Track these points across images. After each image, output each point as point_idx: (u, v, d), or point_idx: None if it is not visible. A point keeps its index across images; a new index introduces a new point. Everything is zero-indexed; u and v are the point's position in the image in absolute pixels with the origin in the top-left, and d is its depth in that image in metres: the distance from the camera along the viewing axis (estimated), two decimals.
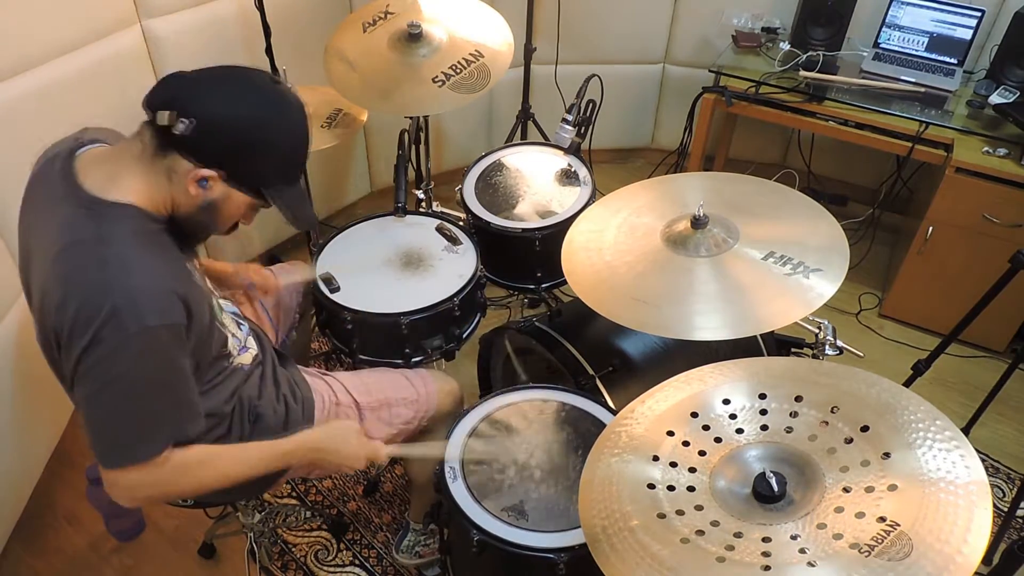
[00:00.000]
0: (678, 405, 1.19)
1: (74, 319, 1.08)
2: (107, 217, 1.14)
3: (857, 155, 3.00)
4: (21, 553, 2.04)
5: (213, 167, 1.15)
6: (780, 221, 1.54)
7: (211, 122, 1.13)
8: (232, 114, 1.15)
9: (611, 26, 3.10)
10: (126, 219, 1.15)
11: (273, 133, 1.18)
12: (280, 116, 1.19)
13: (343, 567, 2.03)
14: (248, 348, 1.45)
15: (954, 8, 2.58)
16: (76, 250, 1.11)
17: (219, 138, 1.14)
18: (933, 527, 0.92)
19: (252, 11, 2.13)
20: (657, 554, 0.98)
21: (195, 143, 1.13)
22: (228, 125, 1.14)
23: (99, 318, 1.07)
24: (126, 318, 1.08)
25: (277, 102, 1.19)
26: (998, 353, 2.62)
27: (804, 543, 0.95)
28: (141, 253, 1.14)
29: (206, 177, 1.16)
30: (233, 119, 1.15)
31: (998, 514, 2.10)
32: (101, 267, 1.10)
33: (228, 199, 1.21)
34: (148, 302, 1.10)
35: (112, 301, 1.08)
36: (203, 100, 1.14)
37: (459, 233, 1.97)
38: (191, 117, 1.11)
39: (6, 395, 1.92)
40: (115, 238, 1.12)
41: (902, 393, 1.09)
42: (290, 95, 1.21)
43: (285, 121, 1.20)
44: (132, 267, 1.11)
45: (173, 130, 1.11)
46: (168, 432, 1.19)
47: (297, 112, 1.22)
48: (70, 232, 1.13)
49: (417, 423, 1.65)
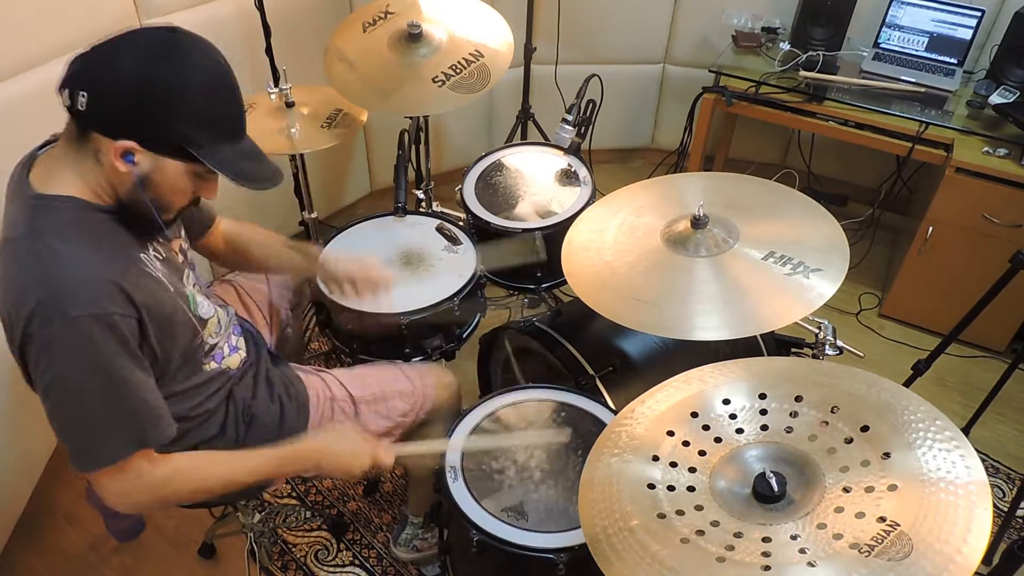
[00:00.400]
0: (678, 405, 1.19)
1: (9, 317, 1.08)
2: (43, 210, 1.11)
3: (857, 155, 3.00)
4: (21, 553, 2.04)
5: (126, 136, 1.08)
6: (780, 221, 1.54)
7: (106, 88, 1.06)
8: (125, 74, 1.05)
9: (611, 26, 3.10)
10: (61, 211, 1.11)
11: (175, 84, 1.08)
12: (178, 64, 1.08)
13: (343, 567, 2.03)
14: (237, 349, 1.44)
15: (954, 8, 2.58)
16: (12, 246, 1.10)
17: (118, 103, 1.06)
18: (933, 527, 0.91)
19: (252, 11, 2.13)
20: (657, 554, 0.98)
21: (99, 115, 1.07)
22: (122, 86, 1.05)
23: (26, 313, 1.05)
24: (50, 310, 1.05)
25: (170, 51, 1.08)
26: (998, 353, 2.62)
27: (804, 543, 0.95)
28: (72, 243, 1.10)
29: (128, 150, 1.08)
30: (126, 79, 1.05)
31: (998, 514, 2.10)
32: (31, 261, 1.07)
33: (160, 169, 1.12)
34: (74, 292, 1.06)
35: (37, 294, 1.05)
36: (94, 69, 1.07)
37: (459, 233, 1.97)
38: (84, 89, 1.05)
39: (6, 395, 1.92)
40: (48, 230, 1.09)
41: (902, 393, 1.09)
42: (190, 41, 1.11)
43: (185, 69, 1.09)
44: (60, 257, 1.07)
45: (77, 107, 1.06)
46: (129, 435, 1.15)
47: (202, 57, 1.11)
48: (11, 228, 1.11)
49: (414, 416, 1.64)
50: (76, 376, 1.09)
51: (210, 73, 1.12)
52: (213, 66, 1.12)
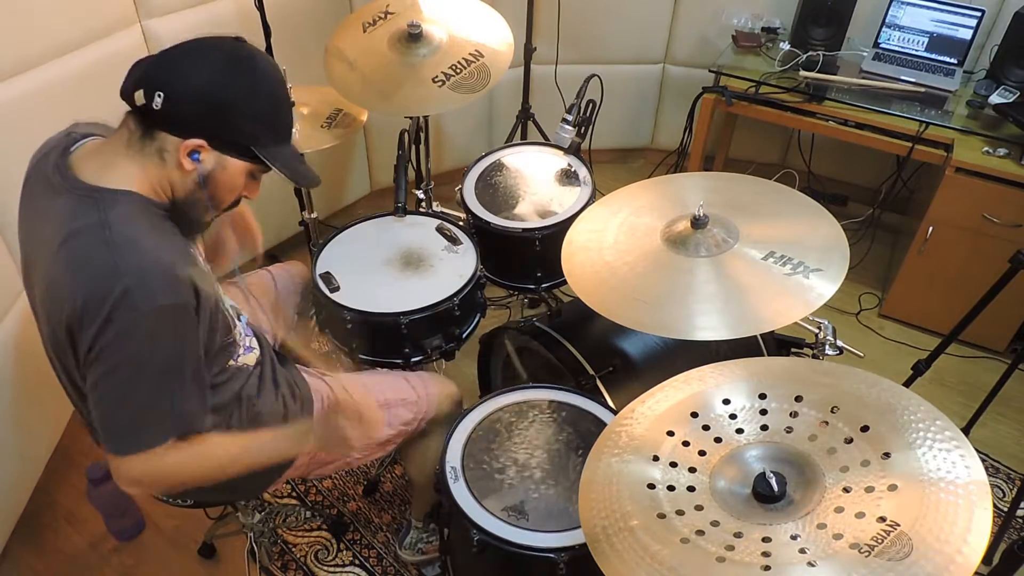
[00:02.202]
0: (678, 405, 1.19)
1: (85, 303, 1.09)
2: (108, 202, 1.14)
3: (857, 155, 3.00)
4: (21, 553, 2.04)
5: (197, 135, 1.15)
6: (780, 221, 1.54)
7: (182, 90, 1.13)
8: (201, 78, 1.14)
9: (611, 26, 3.10)
10: (127, 203, 1.15)
11: (247, 89, 1.17)
12: (249, 71, 1.18)
13: (343, 567, 2.03)
14: (252, 348, 1.45)
15: (954, 8, 2.58)
16: (81, 237, 1.12)
17: (194, 104, 1.14)
18: (933, 527, 0.92)
19: (252, 11, 2.13)
20: (657, 554, 0.98)
21: (173, 115, 1.13)
22: (199, 89, 1.14)
23: (111, 299, 1.08)
24: (138, 298, 1.09)
25: (244, 59, 1.18)
26: (998, 353, 2.62)
27: (804, 543, 0.95)
28: (147, 234, 1.14)
29: (196, 148, 1.16)
30: (203, 83, 1.14)
31: (998, 514, 2.10)
32: (108, 250, 1.10)
33: (223, 167, 1.20)
34: (158, 281, 1.11)
35: (123, 282, 1.08)
36: (170, 72, 1.14)
37: (459, 233, 1.97)
38: (160, 90, 1.12)
39: (6, 395, 1.92)
40: (119, 221, 1.13)
41: (902, 393, 1.09)
42: (256, 52, 1.20)
43: (255, 76, 1.18)
44: (140, 248, 1.12)
45: (152, 107, 1.12)
46: (177, 419, 1.19)
47: (268, 67, 1.21)
48: (72, 220, 1.13)
49: (416, 424, 1.66)
50: (145, 360, 1.13)
51: (275, 81, 1.22)
52: (276, 74, 1.22)
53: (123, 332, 1.09)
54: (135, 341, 1.11)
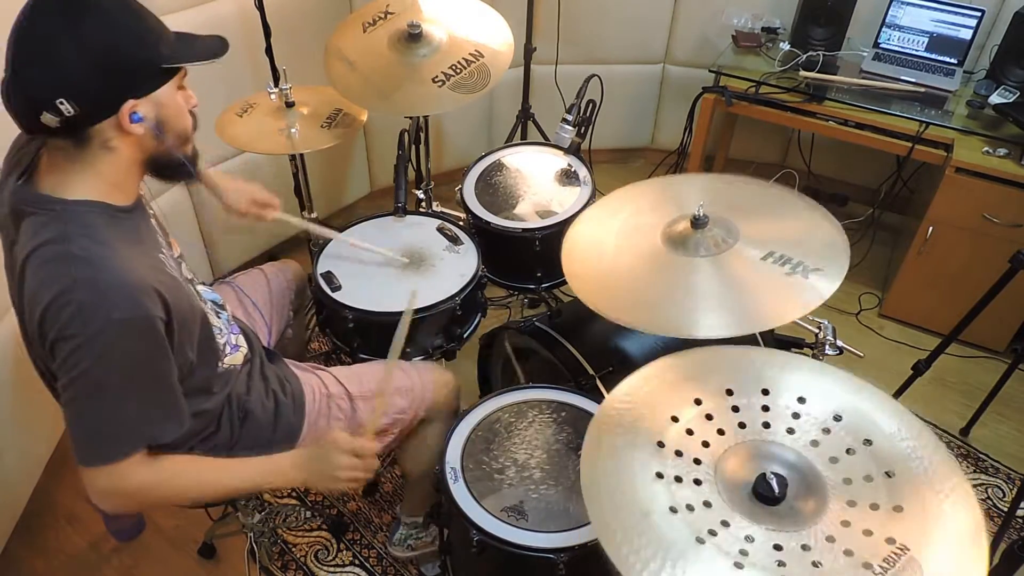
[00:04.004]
0: (679, 392, 1.18)
1: (42, 316, 1.09)
2: (70, 214, 1.13)
3: (857, 155, 3.00)
4: (21, 553, 2.04)
5: (119, 100, 1.11)
6: (780, 221, 1.54)
7: (71, 79, 1.07)
8: (74, 61, 1.07)
9: (611, 26, 3.10)
10: (89, 215, 1.14)
11: (109, 32, 1.10)
12: (96, 13, 1.09)
13: (343, 567, 2.03)
14: (239, 347, 1.45)
15: (954, 8, 2.58)
16: (43, 250, 1.11)
17: (91, 80, 1.08)
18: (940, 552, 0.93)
19: (252, 11, 2.13)
20: (671, 548, 0.97)
21: (87, 106, 1.09)
22: (83, 70, 1.08)
23: (66, 314, 1.08)
24: (91, 313, 1.08)
25: (80, 10, 1.08)
26: (998, 353, 2.62)
27: (816, 556, 0.95)
28: (108, 247, 1.13)
29: (129, 112, 1.12)
30: (75, 57, 1.07)
31: (998, 514, 2.11)
32: (68, 264, 1.10)
33: (161, 104, 1.17)
34: (115, 296, 1.09)
35: (79, 296, 1.08)
36: (44, 75, 1.07)
37: (460, 233, 1.97)
38: (56, 97, 1.06)
39: (6, 395, 1.92)
40: (79, 234, 1.12)
41: (904, 415, 1.10)
42: None
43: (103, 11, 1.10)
44: (97, 262, 1.11)
45: (67, 116, 1.08)
46: (140, 433, 1.18)
47: None
48: (36, 236, 1.13)
49: (413, 413, 1.64)
50: (104, 374, 1.12)
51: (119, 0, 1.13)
52: None
53: (79, 346, 1.09)
54: (92, 355, 1.10)
